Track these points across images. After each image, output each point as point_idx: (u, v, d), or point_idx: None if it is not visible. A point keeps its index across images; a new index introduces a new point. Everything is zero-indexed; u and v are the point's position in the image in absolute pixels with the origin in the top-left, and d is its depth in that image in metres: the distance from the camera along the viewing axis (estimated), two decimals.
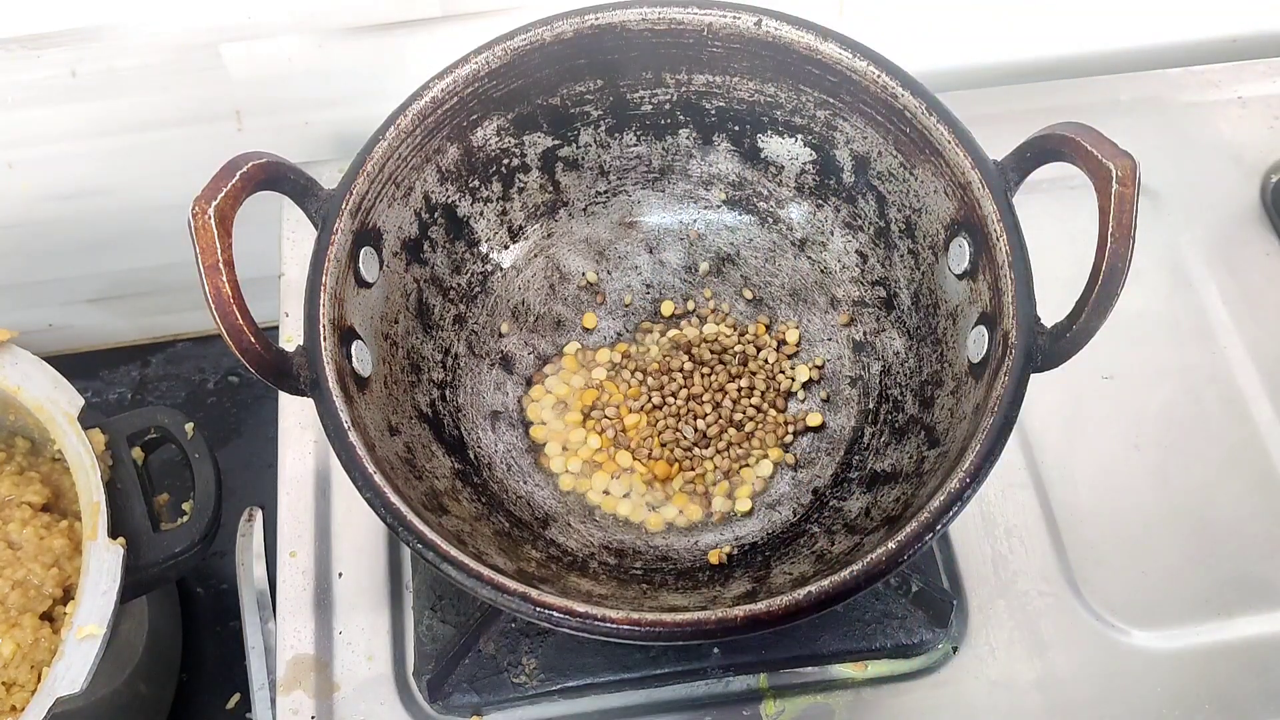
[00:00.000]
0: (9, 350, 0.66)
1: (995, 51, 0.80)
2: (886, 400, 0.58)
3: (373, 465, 0.47)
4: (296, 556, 0.61)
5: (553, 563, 0.53)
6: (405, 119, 0.54)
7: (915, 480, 0.52)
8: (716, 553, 0.55)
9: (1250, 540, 0.62)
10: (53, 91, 0.70)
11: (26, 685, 0.62)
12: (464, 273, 0.61)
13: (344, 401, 0.48)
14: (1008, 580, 0.60)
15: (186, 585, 0.83)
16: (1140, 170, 0.45)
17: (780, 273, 0.63)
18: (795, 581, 0.50)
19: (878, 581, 0.44)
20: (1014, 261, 0.49)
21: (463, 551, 0.45)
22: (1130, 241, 0.44)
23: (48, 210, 0.79)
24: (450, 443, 0.57)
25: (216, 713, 0.79)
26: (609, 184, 0.63)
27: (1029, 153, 0.50)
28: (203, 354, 0.93)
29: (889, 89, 0.54)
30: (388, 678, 0.58)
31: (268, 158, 0.48)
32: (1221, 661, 0.58)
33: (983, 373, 0.50)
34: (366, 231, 0.53)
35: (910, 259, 0.58)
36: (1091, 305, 0.45)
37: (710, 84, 0.59)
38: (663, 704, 0.57)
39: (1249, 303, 0.69)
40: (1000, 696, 0.57)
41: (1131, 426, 0.65)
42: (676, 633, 0.44)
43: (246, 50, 0.70)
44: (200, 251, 0.44)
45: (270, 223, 0.71)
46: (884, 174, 0.57)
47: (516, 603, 0.44)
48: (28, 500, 0.67)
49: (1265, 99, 0.77)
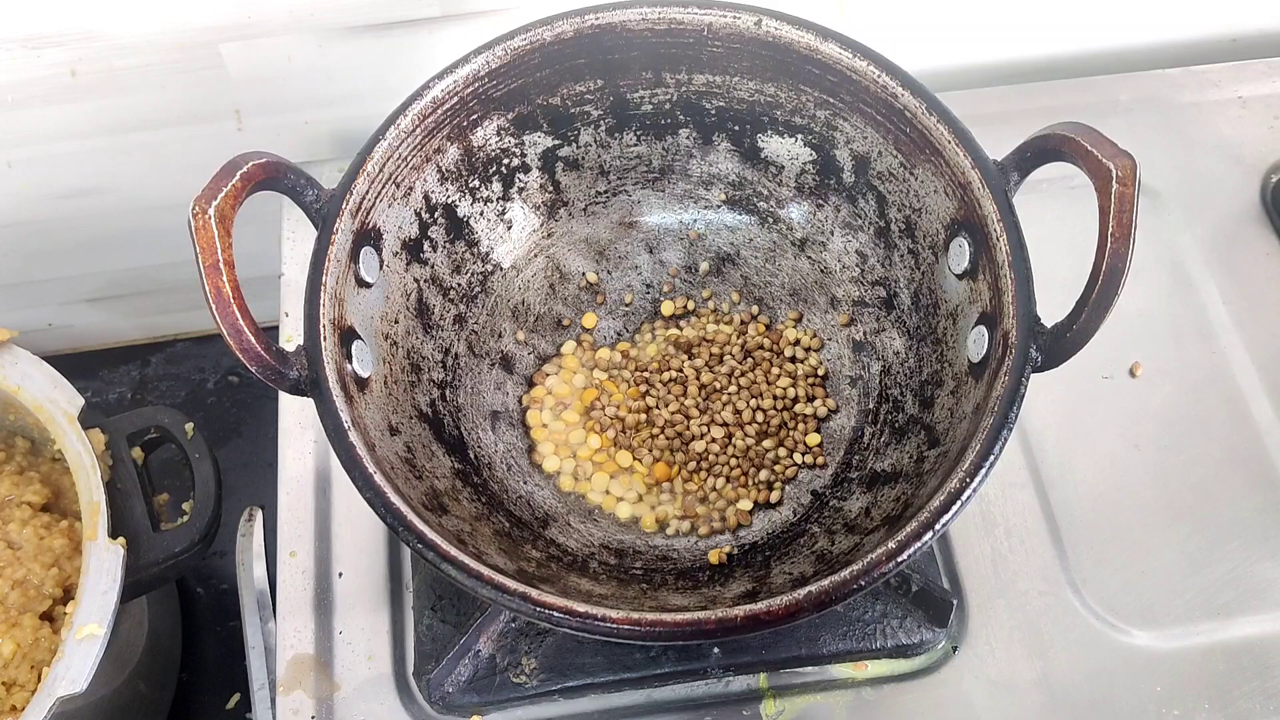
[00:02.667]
0: (9, 350, 0.66)
1: (995, 51, 0.80)
2: (886, 400, 0.58)
3: (373, 465, 0.47)
4: (296, 556, 0.61)
5: (553, 562, 0.53)
6: (405, 119, 0.54)
7: (915, 480, 0.52)
8: (717, 552, 0.55)
9: (1250, 540, 0.62)
10: (53, 91, 0.70)
11: (26, 685, 0.62)
12: (464, 273, 0.61)
13: (344, 401, 0.48)
14: (1008, 580, 0.60)
15: (186, 585, 0.83)
16: (1140, 170, 0.45)
17: (780, 272, 0.63)
18: (795, 581, 0.50)
19: (878, 581, 0.44)
20: (1014, 261, 0.49)
21: (463, 551, 0.46)
22: (1130, 241, 0.44)
23: (47, 209, 0.79)
24: (450, 443, 0.57)
25: (216, 713, 0.79)
26: (609, 184, 0.63)
27: (1029, 152, 0.50)
28: (203, 354, 0.93)
29: (889, 89, 0.54)
30: (388, 678, 0.58)
31: (268, 157, 0.48)
32: (1221, 661, 0.58)
33: (983, 373, 0.50)
34: (367, 231, 0.53)
35: (910, 259, 0.58)
36: (1092, 305, 0.45)
37: (710, 84, 0.59)
38: (663, 704, 0.57)
39: (1249, 303, 0.69)
40: (1000, 696, 0.57)
41: (1131, 426, 0.65)
42: (676, 632, 0.44)
43: (246, 50, 0.70)
44: (200, 251, 0.44)
45: (270, 223, 0.71)
46: (884, 174, 0.57)
47: (517, 603, 0.44)
48: (28, 500, 0.67)
49: (1265, 99, 0.77)
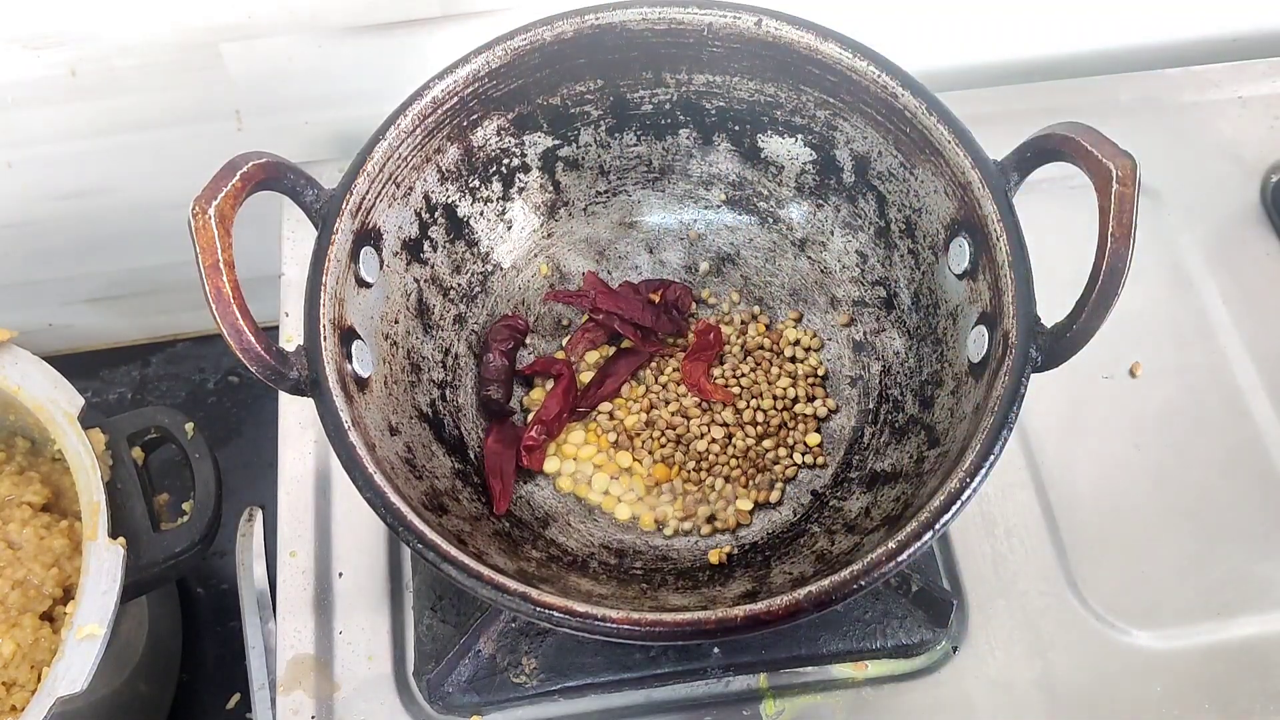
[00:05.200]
0: (9, 350, 0.66)
1: (995, 51, 0.80)
2: (886, 400, 0.58)
3: (373, 465, 0.47)
4: (296, 556, 0.61)
5: (553, 562, 0.53)
6: (405, 119, 0.54)
7: (915, 480, 0.52)
8: (717, 552, 0.55)
9: (1250, 540, 0.62)
10: (53, 91, 0.70)
11: (26, 685, 0.62)
12: (464, 273, 0.61)
13: (344, 401, 0.48)
14: (1008, 580, 0.60)
15: (186, 585, 0.83)
16: (1140, 170, 0.45)
17: (780, 272, 0.63)
18: (795, 581, 0.50)
19: (878, 581, 0.44)
20: (1014, 261, 0.49)
21: (463, 551, 0.46)
22: (1130, 241, 0.44)
23: (47, 210, 0.79)
24: (450, 443, 0.57)
25: (216, 713, 0.79)
26: (609, 184, 0.63)
27: (1029, 152, 0.50)
28: (203, 354, 0.93)
29: (889, 89, 0.54)
30: (388, 678, 0.58)
31: (268, 157, 0.48)
32: (1221, 661, 0.58)
33: (983, 373, 0.50)
34: (367, 231, 0.53)
35: (910, 259, 0.58)
36: (1091, 305, 0.45)
37: (710, 84, 0.59)
38: (663, 704, 0.57)
39: (1249, 303, 0.69)
40: (1000, 696, 0.57)
41: (1131, 426, 0.65)
42: (676, 632, 0.44)
43: (246, 50, 0.70)
44: (200, 251, 0.44)
45: (270, 223, 0.71)
46: (884, 174, 0.57)
47: (516, 602, 0.44)
48: (28, 500, 0.67)
49: (1265, 99, 0.77)
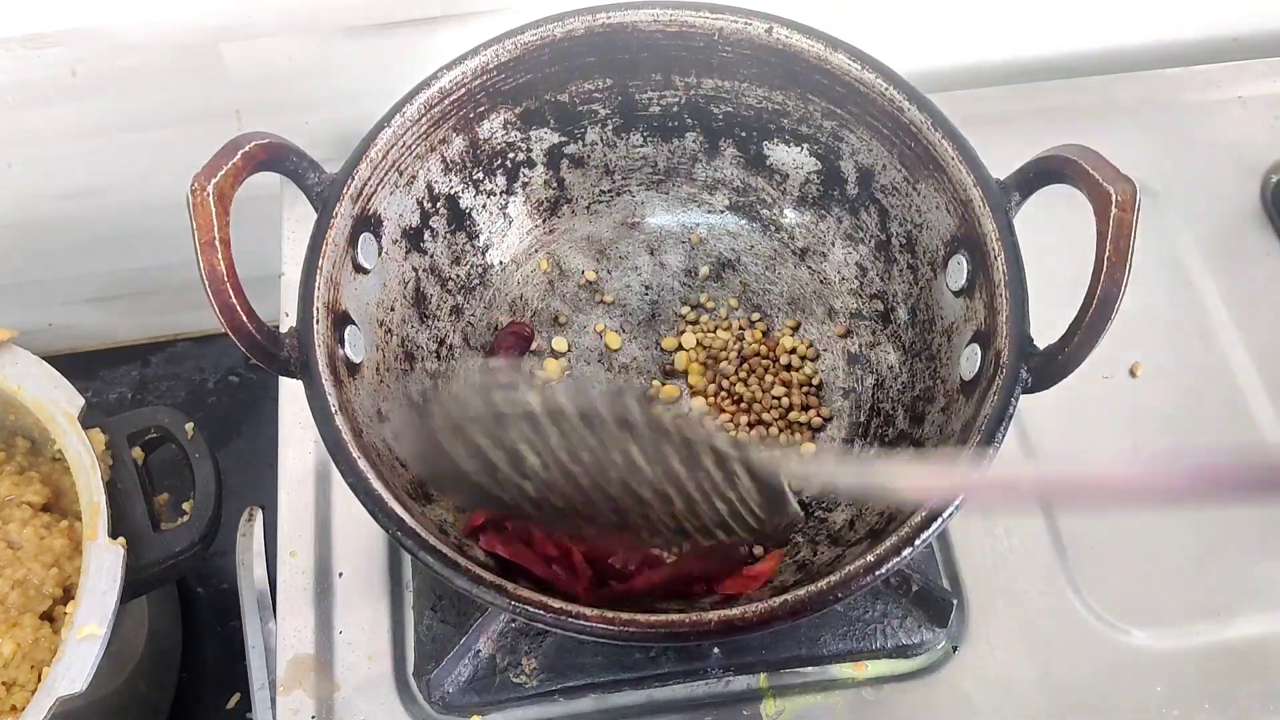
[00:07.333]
0: (9, 350, 0.66)
1: (995, 51, 0.80)
2: (878, 414, 0.58)
3: (357, 450, 0.47)
4: (296, 556, 0.61)
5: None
6: (411, 107, 0.54)
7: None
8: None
9: (1250, 540, 0.62)
10: (53, 91, 0.70)
11: (26, 685, 0.62)
12: (463, 264, 0.61)
13: (333, 385, 0.48)
14: (1008, 580, 0.60)
15: (186, 585, 0.83)
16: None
17: (780, 281, 0.63)
18: (774, 590, 0.50)
19: (855, 594, 0.44)
20: (1010, 281, 0.49)
21: (443, 542, 0.45)
22: (1127, 267, 0.44)
23: (47, 210, 0.79)
24: None
25: (216, 713, 0.78)
26: (613, 183, 0.63)
27: (1031, 173, 0.50)
28: (203, 354, 0.93)
29: (895, 102, 0.54)
30: (388, 678, 0.58)
31: (271, 138, 0.48)
32: (1221, 661, 0.58)
33: (974, 391, 0.50)
34: (367, 217, 0.53)
35: (909, 273, 0.58)
36: (1084, 330, 0.45)
37: (719, 88, 0.59)
38: (663, 704, 0.57)
39: (1249, 303, 0.69)
40: (1000, 696, 0.57)
41: (1131, 426, 0.65)
42: (650, 634, 0.44)
43: (246, 50, 0.70)
44: (197, 228, 0.44)
45: (271, 222, 0.71)
46: (887, 187, 0.57)
47: (492, 595, 0.44)
48: (28, 500, 0.67)
49: (1265, 99, 0.77)
